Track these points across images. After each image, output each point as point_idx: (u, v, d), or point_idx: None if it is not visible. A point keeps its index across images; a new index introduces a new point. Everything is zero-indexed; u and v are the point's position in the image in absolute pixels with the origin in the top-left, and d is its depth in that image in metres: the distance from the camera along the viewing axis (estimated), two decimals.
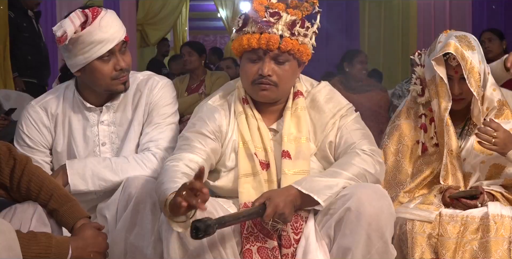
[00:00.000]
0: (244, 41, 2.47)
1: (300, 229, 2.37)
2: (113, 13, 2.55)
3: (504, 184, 2.76)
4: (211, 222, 2.04)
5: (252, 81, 2.49)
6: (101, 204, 2.55)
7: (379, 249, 2.28)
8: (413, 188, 2.75)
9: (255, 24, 2.47)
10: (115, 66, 2.53)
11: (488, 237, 2.49)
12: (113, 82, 2.55)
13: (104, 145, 2.63)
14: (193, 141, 2.45)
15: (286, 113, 2.53)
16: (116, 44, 2.51)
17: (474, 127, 2.78)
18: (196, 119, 2.56)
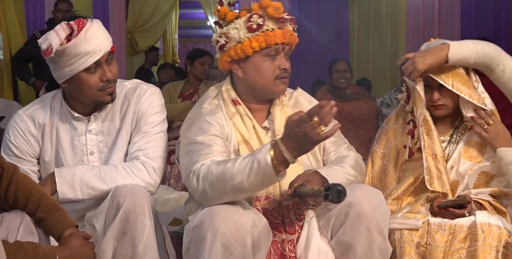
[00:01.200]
0: (270, 38, 2.55)
1: (303, 216, 2.52)
2: (98, 23, 2.55)
3: (492, 193, 2.76)
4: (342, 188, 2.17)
5: (275, 76, 2.61)
6: (89, 213, 2.53)
7: (380, 244, 2.41)
8: (400, 194, 2.76)
9: (273, 21, 2.56)
10: (102, 77, 2.53)
11: (476, 246, 2.49)
12: (100, 93, 2.55)
13: (92, 154, 2.62)
14: (211, 145, 2.49)
15: (275, 109, 2.66)
16: (102, 55, 2.50)
17: (462, 135, 2.79)
18: (201, 122, 2.58)
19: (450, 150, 2.78)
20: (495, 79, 2.73)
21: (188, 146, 2.53)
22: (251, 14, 2.58)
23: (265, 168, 2.23)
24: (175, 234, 3.30)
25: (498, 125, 2.67)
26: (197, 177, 2.39)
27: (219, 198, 2.35)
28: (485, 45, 2.73)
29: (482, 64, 2.71)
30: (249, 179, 2.27)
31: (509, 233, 2.52)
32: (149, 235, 2.39)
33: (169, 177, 5.32)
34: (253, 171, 2.26)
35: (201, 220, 2.31)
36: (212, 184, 2.33)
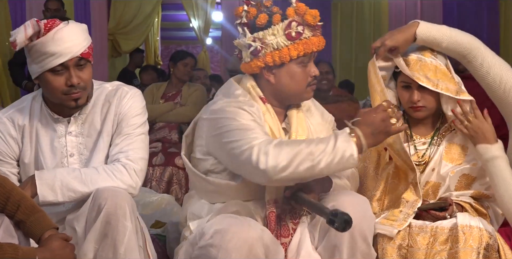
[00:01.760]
0: (308, 46, 2.56)
1: (298, 220, 2.55)
2: (75, 28, 2.53)
3: (474, 195, 2.78)
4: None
5: (307, 84, 2.62)
6: (70, 216, 2.51)
7: (363, 251, 2.44)
8: (380, 195, 2.77)
9: (310, 28, 2.56)
10: (67, 81, 2.51)
11: (457, 247, 2.50)
12: (64, 97, 2.53)
13: (72, 156, 2.60)
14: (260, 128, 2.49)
15: (292, 112, 2.67)
16: (69, 59, 2.48)
17: (443, 136, 2.80)
18: (242, 111, 2.52)
19: (431, 152, 2.79)
20: (473, 71, 2.75)
21: (231, 129, 2.47)
22: (290, 21, 2.55)
23: (349, 160, 2.35)
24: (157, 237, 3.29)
25: (478, 122, 2.67)
26: (264, 153, 2.34)
27: (289, 179, 2.39)
28: (463, 34, 2.75)
29: (456, 53, 2.73)
30: (330, 166, 2.35)
31: (490, 235, 2.53)
32: (130, 238, 2.37)
33: (151, 179, 5.31)
34: (336, 160, 2.34)
35: (211, 242, 2.32)
36: (289, 163, 2.33)
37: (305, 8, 2.57)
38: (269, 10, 2.62)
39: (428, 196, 2.74)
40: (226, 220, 2.37)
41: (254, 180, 2.45)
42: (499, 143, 2.66)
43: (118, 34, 9.96)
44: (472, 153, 2.74)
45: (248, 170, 2.41)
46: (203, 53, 10.96)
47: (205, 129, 2.59)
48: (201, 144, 2.61)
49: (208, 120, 2.58)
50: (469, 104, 2.71)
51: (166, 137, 5.69)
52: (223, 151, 2.51)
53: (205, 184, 2.60)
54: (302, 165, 2.33)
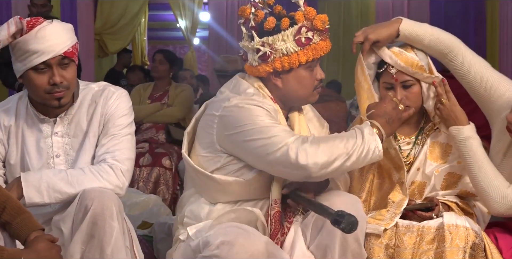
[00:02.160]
0: (317, 52, 2.57)
1: (292, 219, 2.57)
2: (59, 26, 2.52)
3: (459, 194, 2.79)
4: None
5: (314, 87, 2.64)
6: (56, 217, 2.50)
7: (354, 250, 2.46)
8: (366, 196, 2.78)
9: (319, 33, 2.57)
10: (49, 80, 2.50)
11: (443, 247, 2.51)
12: (47, 96, 2.52)
13: (58, 157, 2.59)
14: (282, 126, 2.52)
15: (294, 115, 2.69)
16: (52, 57, 2.47)
17: (427, 136, 2.81)
18: (262, 110, 2.52)
19: (416, 152, 2.80)
20: (454, 70, 2.77)
21: (258, 127, 2.47)
22: (300, 26, 2.54)
23: (375, 152, 2.46)
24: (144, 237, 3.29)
25: (452, 104, 2.70)
26: (302, 150, 2.39)
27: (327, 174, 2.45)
28: (444, 33, 2.78)
29: (438, 51, 2.75)
30: (360, 161, 2.45)
31: (476, 234, 2.54)
32: (117, 239, 2.36)
33: (138, 180, 5.29)
34: (362, 156, 2.44)
35: (217, 253, 2.33)
36: (328, 159, 2.40)
37: (314, 12, 2.57)
38: (272, 9, 2.62)
39: (414, 196, 2.75)
40: (233, 231, 2.38)
41: (291, 177, 2.51)
42: (471, 125, 2.69)
43: (105, 34, 9.94)
44: (456, 152, 2.75)
45: (284, 167, 2.43)
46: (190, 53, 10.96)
47: (218, 126, 2.55)
48: (210, 141, 2.59)
49: (223, 117, 2.54)
50: (443, 87, 2.74)
51: (153, 137, 5.68)
52: (246, 149, 2.50)
53: (209, 182, 2.58)
54: (339, 160, 2.41)
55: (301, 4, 2.59)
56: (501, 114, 2.69)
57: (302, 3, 2.59)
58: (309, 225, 2.53)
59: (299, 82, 2.60)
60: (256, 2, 2.61)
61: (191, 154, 2.66)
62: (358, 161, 2.44)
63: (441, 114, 2.72)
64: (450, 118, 2.70)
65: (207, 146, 2.59)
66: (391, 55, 2.72)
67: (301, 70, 2.58)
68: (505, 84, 2.74)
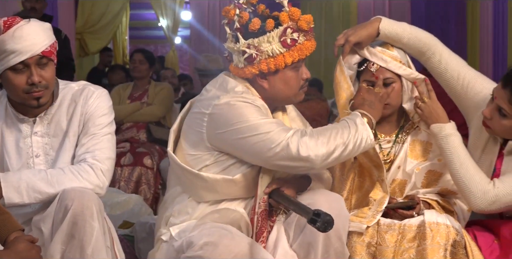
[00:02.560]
0: (302, 52, 2.57)
1: (275, 218, 2.57)
2: (36, 26, 2.50)
3: (440, 192, 2.80)
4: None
5: (300, 87, 2.64)
6: (36, 217, 2.49)
7: (337, 249, 2.46)
8: (347, 195, 2.79)
9: (304, 33, 2.57)
10: (28, 80, 2.48)
11: (424, 244, 2.52)
12: (26, 96, 2.50)
13: (38, 157, 2.57)
14: (277, 120, 2.57)
15: (278, 114, 2.69)
16: (30, 57, 2.46)
17: (407, 134, 2.82)
18: (255, 108, 2.53)
19: (396, 150, 2.81)
20: (432, 68, 2.80)
21: (255, 123, 2.47)
22: (285, 27, 2.54)
23: (367, 140, 2.51)
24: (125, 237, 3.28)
25: (432, 103, 2.73)
26: (304, 143, 2.42)
27: (328, 164, 2.50)
28: (422, 31, 2.81)
29: (416, 49, 2.77)
30: (355, 149, 2.50)
31: (456, 232, 2.55)
32: (98, 238, 2.36)
33: (119, 179, 5.28)
34: (357, 145, 2.49)
35: (201, 254, 2.34)
36: (328, 150, 2.44)
37: (299, 13, 2.57)
38: (255, 8, 2.62)
39: (395, 194, 2.76)
40: (216, 231, 2.39)
41: (292, 170, 2.54)
42: (451, 123, 2.71)
43: (86, 33, 9.90)
44: (436, 150, 2.77)
45: (286, 161, 2.45)
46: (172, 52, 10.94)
47: (208, 124, 2.54)
48: (198, 139, 2.57)
49: (213, 115, 2.53)
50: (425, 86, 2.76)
51: (134, 137, 5.67)
52: (242, 146, 2.49)
53: (196, 180, 2.57)
54: (337, 150, 2.45)
55: (285, 4, 2.58)
56: (479, 111, 2.72)
57: (286, 4, 2.59)
58: (292, 224, 2.53)
59: (286, 83, 2.60)
60: (240, 3, 2.60)
61: (176, 152, 2.65)
62: (354, 150, 2.49)
63: (422, 113, 2.73)
64: (431, 116, 2.71)
65: (195, 144, 2.58)
66: (376, 53, 2.73)
67: (287, 71, 2.58)
68: (482, 82, 2.78)
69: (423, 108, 2.73)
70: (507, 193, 2.54)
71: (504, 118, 2.58)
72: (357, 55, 2.77)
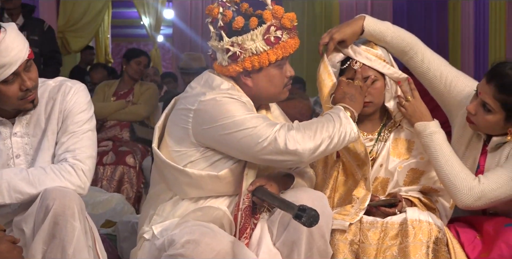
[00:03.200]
0: (286, 50, 2.57)
1: (258, 216, 2.57)
2: (14, 32, 2.44)
3: (422, 190, 2.81)
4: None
5: (284, 85, 2.65)
6: (17, 217, 2.46)
7: (320, 247, 2.47)
8: (330, 193, 2.79)
9: (287, 31, 2.57)
10: (21, 87, 2.45)
11: (407, 242, 2.53)
12: (20, 102, 2.48)
13: (18, 158, 2.55)
14: (263, 115, 2.57)
15: (262, 113, 2.69)
16: (19, 65, 2.42)
17: (390, 132, 2.83)
18: (241, 104, 2.53)
19: (378, 148, 2.82)
20: (414, 68, 2.82)
21: (242, 118, 2.48)
22: (268, 25, 2.54)
23: (351, 134, 2.54)
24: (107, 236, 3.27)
25: (415, 101, 2.75)
26: (291, 138, 2.44)
27: (315, 158, 2.53)
28: (404, 31, 2.83)
29: (399, 48, 2.79)
30: (339, 143, 2.53)
31: (438, 229, 2.56)
32: (79, 238, 2.34)
33: (102, 178, 5.26)
34: (341, 139, 2.52)
35: (182, 252, 2.33)
36: (315, 144, 2.46)
37: (282, 11, 2.57)
38: (238, 6, 2.62)
39: (377, 192, 2.77)
40: (198, 229, 2.38)
41: (280, 164, 2.56)
42: (435, 121, 2.73)
43: (67, 32, 9.85)
44: (419, 148, 2.78)
45: (274, 155, 2.46)
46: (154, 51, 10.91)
47: (194, 120, 2.54)
48: (184, 135, 2.57)
49: (199, 111, 2.53)
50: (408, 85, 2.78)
51: (117, 135, 5.65)
52: (229, 141, 2.49)
53: (181, 177, 2.57)
54: (324, 143, 2.48)
55: (268, 2, 2.59)
56: (462, 108, 2.75)
57: (269, 2, 2.59)
58: (275, 222, 2.53)
59: (270, 80, 2.61)
60: (224, 1, 2.60)
61: (161, 149, 2.65)
62: (339, 143, 2.52)
63: (406, 111, 2.75)
64: (415, 115, 2.73)
65: (181, 140, 2.58)
66: (360, 51, 2.74)
67: (271, 68, 2.59)
68: (464, 80, 2.81)
69: (407, 107, 2.74)
70: (492, 188, 2.56)
71: (489, 113, 2.60)
72: (341, 53, 2.78)
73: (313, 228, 2.40)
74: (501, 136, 2.67)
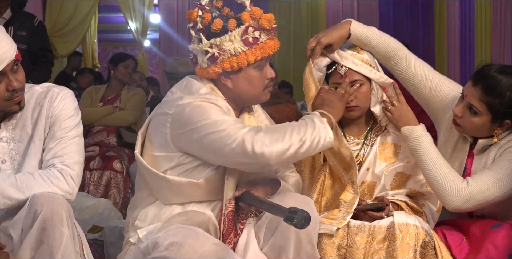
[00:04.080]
0: (265, 50, 2.57)
1: (245, 220, 2.57)
2: (2, 31, 2.45)
3: (409, 194, 2.82)
4: None
5: (264, 86, 2.64)
6: (5, 223, 2.45)
7: (308, 252, 2.47)
8: (317, 197, 2.80)
9: (266, 32, 2.57)
10: (8, 87, 2.44)
11: (394, 246, 2.53)
12: (7, 103, 2.47)
13: (4, 163, 2.54)
14: (234, 119, 2.54)
15: (244, 116, 2.70)
16: (6, 65, 2.42)
17: (376, 136, 2.84)
18: (215, 108, 2.53)
19: (365, 152, 2.83)
20: (399, 73, 2.85)
21: (212, 121, 2.47)
22: (246, 26, 2.55)
23: (326, 139, 2.49)
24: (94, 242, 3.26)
25: (401, 105, 2.76)
26: (258, 141, 2.41)
27: (284, 162, 2.50)
28: (389, 36, 2.85)
29: (384, 53, 2.81)
30: (312, 148, 2.47)
31: (426, 233, 2.57)
32: (67, 244, 2.33)
33: (89, 183, 5.24)
34: (315, 143, 2.46)
35: (166, 255, 2.32)
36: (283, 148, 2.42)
37: (260, 12, 2.58)
38: (220, 11, 2.63)
39: (364, 196, 2.78)
40: (182, 232, 2.37)
41: (249, 168, 2.53)
42: (421, 125, 2.75)
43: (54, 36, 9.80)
44: (405, 151, 2.80)
45: (242, 158, 2.44)
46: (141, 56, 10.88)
47: (172, 124, 2.54)
48: (163, 140, 2.57)
49: (176, 115, 2.54)
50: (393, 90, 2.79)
51: (104, 141, 5.63)
52: (202, 145, 2.49)
53: (162, 183, 2.57)
54: (293, 147, 2.43)
55: (247, 4, 2.60)
56: (448, 112, 2.77)
57: (248, 3, 2.60)
58: (262, 227, 2.53)
59: (249, 82, 2.61)
60: (203, 4, 2.61)
61: (143, 154, 2.65)
62: (311, 148, 2.47)
63: (392, 116, 2.76)
64: (402, 119, 2.74)
65: (160, 145, 2.58)
66: (347, 56, 2.75)
67: (250, 69, 2.59)
68: (449, 84, 2.84)
69: (392, 112, 2.75)
70: (480, 190, 2.57)
71: (475, 116, 2.62)
72: (327, 57, 2.79)
73: (300, 233, 2.41)
74: (487, 139, 2.69)
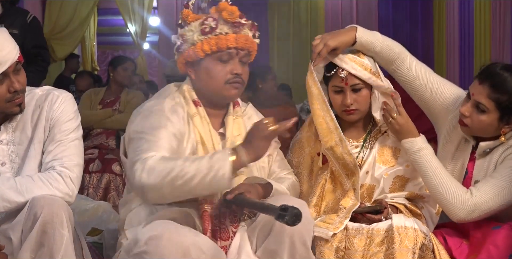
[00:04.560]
0: (221, 41, 2.56)
1: (238, 224, 2.56)
2: (3, 32, 2.47)
3: (408, 196, 2.83)
4: None
5: (225, 81, 2.61)
6: (4, 226, 2.45)
7: (302, 254, 2.45)
8: (317, 201, 2.79)
9: (227, 25, 2.57)
10: (9, 88, 2.46)
11: (393, 248, 2.53)
12: (8, 105, 2.48)
13: (3, 165, 2.55)
14: (162, 140, 2.49)
15: (229, 118, 2.68)
16: (9, 66, 2.43)
17: (375, 139, 2.85)
18: (159, 117, 2.55)
19: (364, 155, 2.83)
20: (400, 77, 2.85)
21: (139, 136, 2.51)
22: (207, 17, 2.59)
23: (221, 179, 2.34)
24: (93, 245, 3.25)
25: (401, 119, 2.75)
26: (142, 169, 2.37)
27: (162, 197, 2.42)
28: (391, 40, 2.86)
29: (387, 58, 2.81)
30: (202, 184, 2.35)
31: (424, 235, 2.57)
32: (67, 247, 2.34)
33: (88, 186, 5.25)
34: (209, 178, 2.33)
35: (146, 250, 2.31)
36: (161, 181, 2.35)
37: (224, 5, 2.60)
38: (206, 13, 2.65)
39: (363, 199, 2.78)
40: (161, 226, 2.36)
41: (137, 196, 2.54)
42: (422, 136, 2.75)
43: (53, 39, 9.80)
44: (405, 155, 2.80)
45: (131, 184, 2.47)
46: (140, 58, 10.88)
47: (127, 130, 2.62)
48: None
49: (130, 119, 2.63)
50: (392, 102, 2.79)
51: (103, 143, 5.64)
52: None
53: None
54: (175, 183, 2.34)
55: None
56: (449, 115, 2.77)
57: None
58: (255, 230, 2.52)
59: (207, 73, 2.62)
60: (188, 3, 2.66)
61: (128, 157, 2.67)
62: (202, 186, 2.36)
63: (393, 128, 2.76)
64: (402, 131, 2.74)
65: None
66: (347, 60, 2.76)
67: (209, 60, 2.61)
68: (450, 87, 2.85)
69: (393, 124, 2.75)
70: (485, 200, 2.58)
71: (483, 114, 2.63)
72: (326, 58, 2.79)
73: (294, 236, 2.41)
74: (489, 141, 2.69)
